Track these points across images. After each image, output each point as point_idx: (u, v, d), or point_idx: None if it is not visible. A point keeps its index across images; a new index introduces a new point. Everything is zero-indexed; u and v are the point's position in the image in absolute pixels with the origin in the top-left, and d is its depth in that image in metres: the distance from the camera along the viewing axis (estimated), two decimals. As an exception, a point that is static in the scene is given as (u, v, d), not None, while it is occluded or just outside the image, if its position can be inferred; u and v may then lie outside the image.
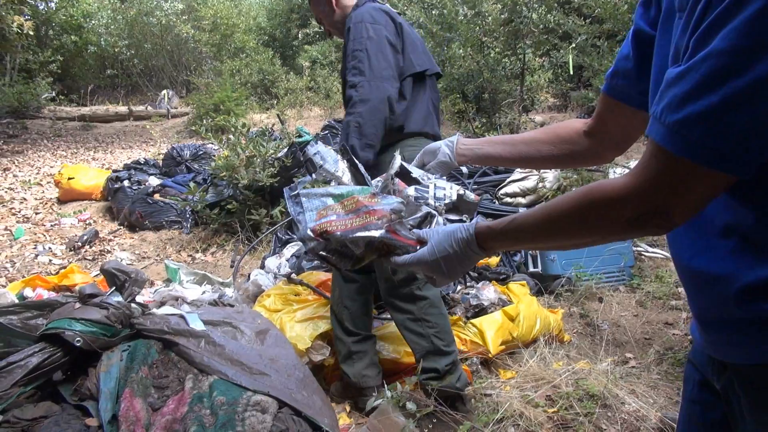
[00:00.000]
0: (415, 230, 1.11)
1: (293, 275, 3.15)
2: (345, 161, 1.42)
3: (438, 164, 1.36)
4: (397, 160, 1.28)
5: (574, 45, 7.23)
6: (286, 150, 5.37)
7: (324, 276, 3.03)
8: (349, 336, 2.49)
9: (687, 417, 1.03)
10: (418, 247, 1.08)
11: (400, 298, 2.41)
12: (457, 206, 1.28)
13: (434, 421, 2.35)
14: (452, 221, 1.21)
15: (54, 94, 13.30)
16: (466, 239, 1.01)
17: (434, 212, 1.20)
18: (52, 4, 14.75)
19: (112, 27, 16.09)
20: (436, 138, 2.45)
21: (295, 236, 4.73)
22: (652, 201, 0.76)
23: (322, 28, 2.70)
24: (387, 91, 2.28)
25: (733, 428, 0.90)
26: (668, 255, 4.18)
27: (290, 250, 3.98)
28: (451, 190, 1.28)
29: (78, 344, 1.87)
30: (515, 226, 0.96)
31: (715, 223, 0.82)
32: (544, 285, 3.65)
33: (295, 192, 1.22)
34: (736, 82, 0.65)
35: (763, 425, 0.81)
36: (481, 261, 2.30)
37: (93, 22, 16.47)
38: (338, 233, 1.09)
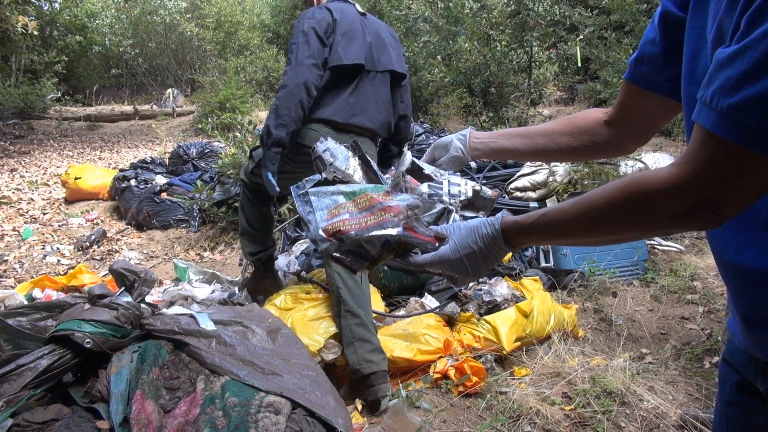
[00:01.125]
0: (432, 227, 1.05)
1: (303, 273, 3.12)
2: (356, 158, 1.39)
3: (450, 159, 1.30)
4: (408, 157, 1.23)
5: (581, 37, 7.17)
6: (292, 147, 5.33)
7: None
8: (352, 318, 2.47)
9: (725, 420, 0.97)
10: (437, 245, 1.02)
11: None
12: (473, 202, 1.23)
13: (444, 422, 2.31)
14: (468, 218, 1.16)
15: (59, 95, 13.31)
16: (492, 235, 0.95)
17: (451, 207, 1.15)
18: (56, 5, 14.75)
19: (117, 26, 16.10)
20: (353, 131, 2.75)
21: (304, 234, 4.69)
22: (702, 193, 0.70)
23: None
24: (304, 77, 2.55)
25: None
26: (682, 248, 4.12)
27: (299, 247, 3.95)
28: (466, 186, 1.23)
29: (88, 346, 1.85)
30: (547, 221, 0.90)
31: (762, 215, 0.77)
32: (557, 280, 3.60)
33: (304, 190, 1.16)
34: None
35: None
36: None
37: (97, 21, 16.49)
38: (352, 233, 1.03)
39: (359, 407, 2.39)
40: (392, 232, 1.02)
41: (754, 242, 0.79)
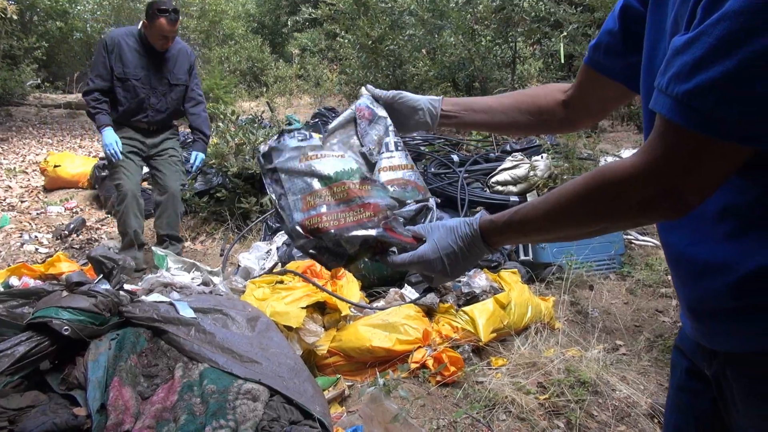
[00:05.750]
0: (410, 227, 1.05)
1: (278, 266, 3.13)
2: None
3: (416, 125, 1.22)
4: (366, 94, 1.17)
5: (565, 33, 7.21)
6: (275, 138, 5.31)
7: (309, 261, 3.01)
8: None
9: (675, 404, 1.01)
10: (415, 244, 1.01)
11: None
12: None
13: (423, 405, 2.35)
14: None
15: (39, 81, 13.07)
16: (471, 235, 0.95)
17: (430, 205, 1.14)
18: (36, -11, 14.45)
19: (98, 13, 15.82)
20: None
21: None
22: (663, 181, 0.70)
23: None
24: None
25: (723, 415, 0.88)
26: (658, 243, 4.19)
27: (281, 238, 3.95)
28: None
29: (66, 333, 1.84)
30: (520, 218, 0.90)
31: (710, 206, 0.78)
32: (535, 273, 3.65)
33: (272, 165, 1.08)
34: (755, 45, 0.60)
35: (754, 413, 0.80)
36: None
37: (78, 7, 16.17)
38: (332, 231, 1.00)
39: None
40: (372, 232, 1.01)
41: (707, 234, 0.80)
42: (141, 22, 3.90)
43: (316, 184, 1.05)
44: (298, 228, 1.02)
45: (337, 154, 1.11)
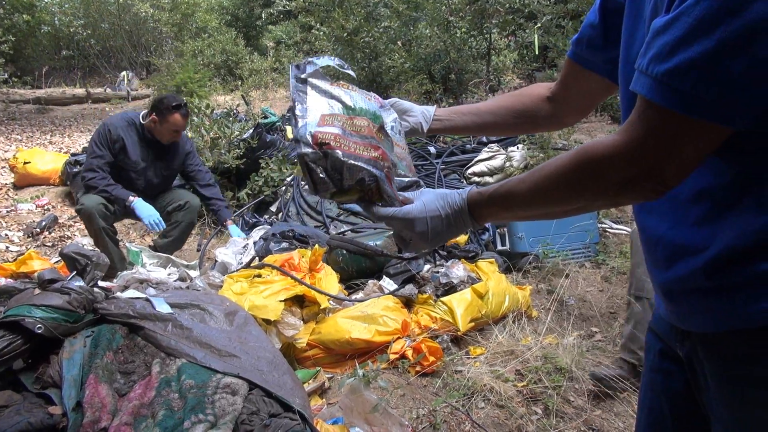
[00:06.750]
0: (401, 192, 1.04)
1: (256, 260, 3.11)
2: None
3: (408, 129, 1.25)
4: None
5: (539, 25, 7.28)
6: (251, 131, 5.27)
7: (287, 255, 3.00)
8: None
9: (649, 385, 1.03)
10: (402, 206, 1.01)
11: None
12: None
13: (402, 395, 2.36)
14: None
15: (6, 76, 12.74)
16: (460, 204, 0.95)
17: (420, 183, 1.14)
18: (2, -19, 14.07)
19: (67, 6, 15.46)
20: None
21: (261, 219, 4.66)
22: (642, 160, 0.71)
23: None
24: None
25: (696, 396, 0.90)
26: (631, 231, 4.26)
27: (258, 233, 3.93)
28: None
29: (39, 331, 1.81)
30: (505, 191, 0.91)
31: (686, 189, 0.80)
32: (512, 262, 3.70)
33: (304, 75, 1.07)
34: (733, 24, 0.61)
35: (725, 392, 0.82)
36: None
37: (46, 0, 15.81)
38: (339, 152, 0.99)
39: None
40: (374, 170, 1.00)
41: (683, 217, 0.82)
42: (140, 115, 3.82)
43: (338, 108, 1.05)
44: (308, 136, 1.00)
45: (366, 96, 1.12)
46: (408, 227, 0.98)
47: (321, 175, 1.01)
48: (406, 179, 1.10)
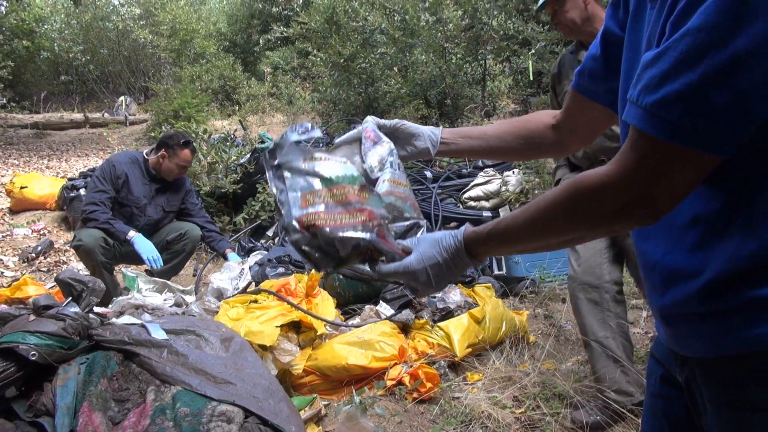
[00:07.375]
0: (400, 241, 1.06)
1: (252, 286, 3.11)
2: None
3: (417, 152, 1.26)
4: (370, 122, 1.22)
5: (533, 51, 7.39)
6: (248, 156, 5.30)
7: (283, 280, 3.00)
8: None
9: (650, 410, 1.03)
10: (404, 256, 1.03)
11: None
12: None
13: (399, 422, 2.34)
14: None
15: (5, 101, 12.82)
16: (456, 246, 0.97)
17: (420, 222, 1.16)
18: (2, 8, 14.23)
19: (66, 32, 15.61)
20: None
21: (258, 244, 4.66)
22: (636, 189, 0.74)
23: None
24: None
25: (696, 421, 0.90)
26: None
27: (254, 258, 3.92)
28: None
29: (33, 358, 1.80)
30: (502, 228, 0.93)
31: (681, 215, 0.81)
32: (509, 287, 3.69)
33: (277, 162, 1.09)
34: (715, 58, 0.65)
35: (723, 418, 0.82)
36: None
37: (46, 26, 15.95)
38: (327, 229, 1.01)
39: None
40: (365, 236, 1.01)
41: (678, 242, 0.83)
42: (144, 153, 3.93)
43: (317, 184, 1.07)
44: (294, 223, 1.03)
45: (341, 160, 1.14)
46: (412, 279, 1.01)
47: (317, 255, 1.03)
48: (406, 223, 1.12)
